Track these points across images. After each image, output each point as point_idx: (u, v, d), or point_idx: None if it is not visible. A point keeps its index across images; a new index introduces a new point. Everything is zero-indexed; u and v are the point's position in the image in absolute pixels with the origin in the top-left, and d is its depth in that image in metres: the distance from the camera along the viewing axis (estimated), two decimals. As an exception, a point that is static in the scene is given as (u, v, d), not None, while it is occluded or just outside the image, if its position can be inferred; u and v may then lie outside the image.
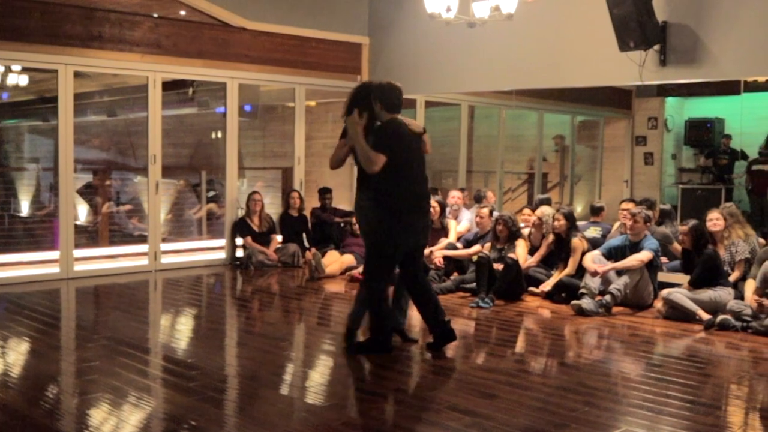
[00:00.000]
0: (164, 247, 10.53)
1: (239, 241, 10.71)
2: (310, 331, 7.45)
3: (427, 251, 8.58)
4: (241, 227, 10.75)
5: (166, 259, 10.40)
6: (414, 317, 6.89)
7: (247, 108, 12.34)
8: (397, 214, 5.96)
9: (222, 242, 11.01)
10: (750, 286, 7.37)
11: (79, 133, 10.27)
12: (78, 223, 11.37)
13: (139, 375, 5.54)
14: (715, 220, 8.14)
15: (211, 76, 10.69)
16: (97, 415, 4.73)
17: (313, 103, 12.53)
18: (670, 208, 10.09)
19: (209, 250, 11.12)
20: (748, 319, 7.02)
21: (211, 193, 12.61)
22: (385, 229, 5.97)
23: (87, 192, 12.12)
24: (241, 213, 10.98)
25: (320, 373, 5.92)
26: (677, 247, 8.67)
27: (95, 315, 8.29)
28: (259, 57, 10.92)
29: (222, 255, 10.93)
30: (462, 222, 10.05)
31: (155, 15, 10.03)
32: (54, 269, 9.45)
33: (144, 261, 10.21)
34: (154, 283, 9.71)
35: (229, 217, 10.95)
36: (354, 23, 11.79)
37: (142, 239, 10.55)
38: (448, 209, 10.08)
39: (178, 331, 7.47)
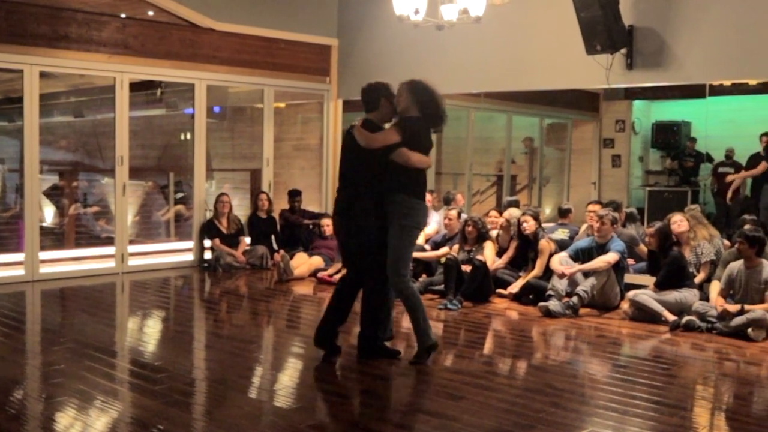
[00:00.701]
0: (131, 249, 10.43)
1: (207, 242, 10.66)
2: (279, 334, 7.43)
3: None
4: (209, 229, 10.68)
5: (133, 261, 10.30)
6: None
7: (216, 109, 12.26)
8: None
9: (190, 244, 10.94)
10: (715, 288, 7.46)
11: (45, 134, 10.17)
12: (44, 224, 11.24)
13: (106, 378, 5.49)
14: (678, 222, 8.23)
15: (180, 77, 10.62)
16: (63, 419, 4.68)
17: (282, 105, 12.49)
18: (633, 210, 10.19)
19: (177, 252, 11.03)
20: (713, 320, 7.10)
21: (179, 195, 12.52)
22: None
23: (53, 193, 11.98)
24: (209, 215, 10.91)
25: (288, 376, 5.91)
26: (643, 248, 8.75)
27: (61, 318, 8.19)
28: (228, 58, 10.87)
29: (190, 257, 10.85)
30: (430, 224, 10.06)
31: (123, 15, 9.94)
32: (19, 271, 9.33)
33: (111, 263, 10.11)
34: (122, 285, 9.63)
35: (197, 219, 10.89)
36: (322, 25, 11.77)
37: (109, 241, 10.45)
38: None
39: (146, 333, 7.41)
